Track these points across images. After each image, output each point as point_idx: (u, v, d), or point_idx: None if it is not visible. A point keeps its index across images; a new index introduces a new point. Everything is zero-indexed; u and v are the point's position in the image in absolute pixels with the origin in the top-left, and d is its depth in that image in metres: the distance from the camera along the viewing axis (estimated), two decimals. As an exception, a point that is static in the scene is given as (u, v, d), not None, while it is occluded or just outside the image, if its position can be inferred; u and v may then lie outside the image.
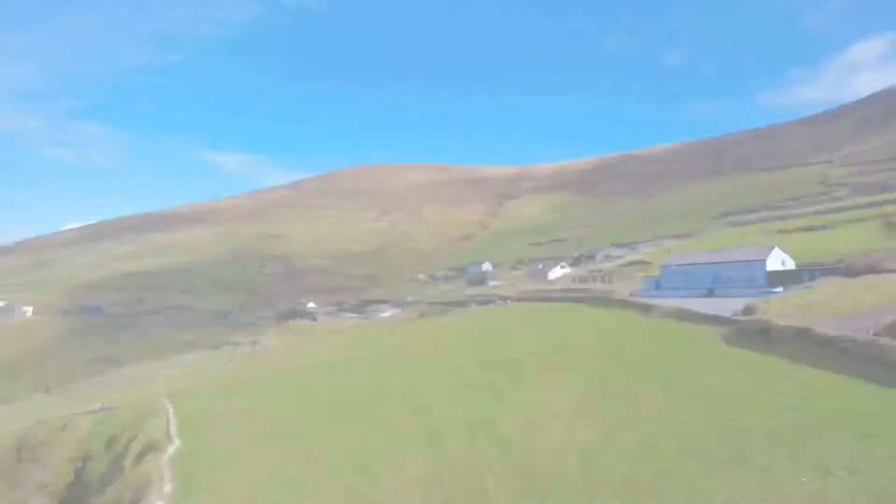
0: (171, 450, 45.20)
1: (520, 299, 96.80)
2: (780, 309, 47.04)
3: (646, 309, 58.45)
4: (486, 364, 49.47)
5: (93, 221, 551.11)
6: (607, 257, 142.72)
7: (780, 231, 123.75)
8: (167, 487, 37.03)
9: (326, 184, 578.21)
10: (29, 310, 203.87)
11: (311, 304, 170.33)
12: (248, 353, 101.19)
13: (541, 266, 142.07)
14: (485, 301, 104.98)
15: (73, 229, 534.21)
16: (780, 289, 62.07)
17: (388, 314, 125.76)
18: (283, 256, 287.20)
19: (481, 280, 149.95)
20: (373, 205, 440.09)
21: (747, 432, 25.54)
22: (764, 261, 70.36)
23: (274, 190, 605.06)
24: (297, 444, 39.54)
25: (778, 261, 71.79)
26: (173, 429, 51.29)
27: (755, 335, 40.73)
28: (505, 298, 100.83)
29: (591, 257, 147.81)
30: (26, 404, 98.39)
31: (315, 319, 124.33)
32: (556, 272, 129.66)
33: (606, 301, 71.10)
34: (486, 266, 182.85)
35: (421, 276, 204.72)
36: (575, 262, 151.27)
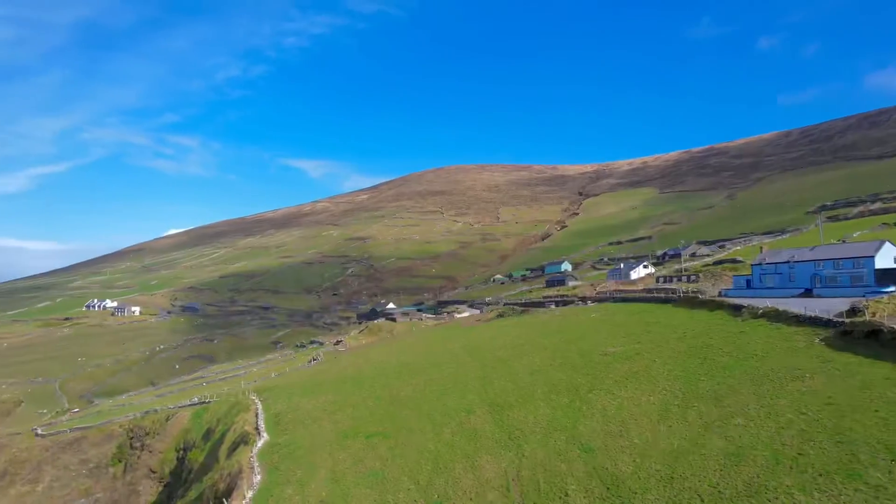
0: (259, 443, 47.51)
1: (600, 300, 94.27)
2: (893, 310, 43.03)
3: (736, 310, 55.17)
4: (565, 365, 48.52)
5: (191, 227, 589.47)
6: (693, 256, 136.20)
7: (890, 224, 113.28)
8: (256, 478, 38.96)
9: (405, 186, 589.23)
10: (137, 309, 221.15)
11: (390, 305, 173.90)
12: (331, 352, 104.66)
13: (622, 265, 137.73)
14: (564, 301, 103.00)
15: (174, 235, 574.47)
16: (893, 288, 56.67)
17: (465, 314, 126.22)
18: (364, 258, 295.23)
19: (560, 280, 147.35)
20: (450, 206, 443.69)
21: (854, 444, 23.42)
22: (872, 257, 64.37)
23: (355, 193, 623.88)
24: (377, 441, 40.47)
25: (890, 257, 65.51)
26: (262, 423, 53.81)
27: (862, 339, 37.34)
28: (585, 299, 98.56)
29: (676, 256, 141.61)
30: (136, 396, 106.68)
31: (394, 320, 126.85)
32: (638, 271, 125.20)
33: (693, 301, 67.80)
34: (565, 266, 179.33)
35: (499, 276, 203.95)
36: (658, 261, 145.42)
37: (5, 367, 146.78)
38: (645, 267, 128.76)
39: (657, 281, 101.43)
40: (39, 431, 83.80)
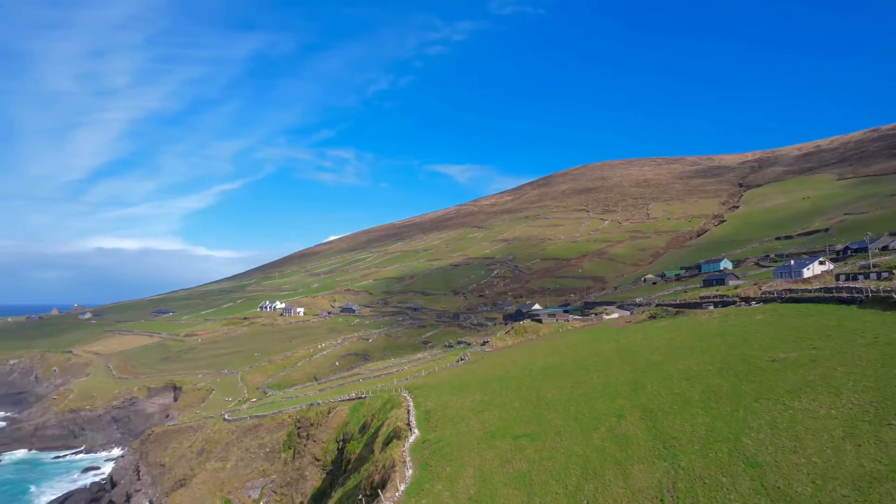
0: (411, 439, 49.54)
1: (766, 300, 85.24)
2: None
3: (944, 311, 46.75)
4: (725, 371, 44.53)
5: (348, 234, 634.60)
6: (885, 249, 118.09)
7: None
8: (409, 472, 40.64)
9: (548, 186, 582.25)
10: (301, 310, 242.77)
11: (535, 306, 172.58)
12: (478, 352, 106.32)
13: (792, 262, 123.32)
14: (723, 302, 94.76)
15: (333, 241, 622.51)
16: None
17: (614, 316, 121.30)
18: (509, 259, 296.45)
19: (719, 279, 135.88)
20: (596, 203, 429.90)
21: None
22: None
23: (499, 196, 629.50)
24: (525, 443, 40.25)
25: None
26: (413, 420, 56.03)
27: None
28: (748, 299, 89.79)
29: (861, 250, 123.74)
30: (301, 390, 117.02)
31: (540, 321, 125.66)
32: (812, 268, 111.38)
33: (887, 302, 58.66)
34: (725, 263, 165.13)
35: (650, 275, 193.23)
36: (838, 256, 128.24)
37: (200, 359, 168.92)
38: (821, 263, 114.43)
39: (837, 279, 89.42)
40: (227, 417, 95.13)
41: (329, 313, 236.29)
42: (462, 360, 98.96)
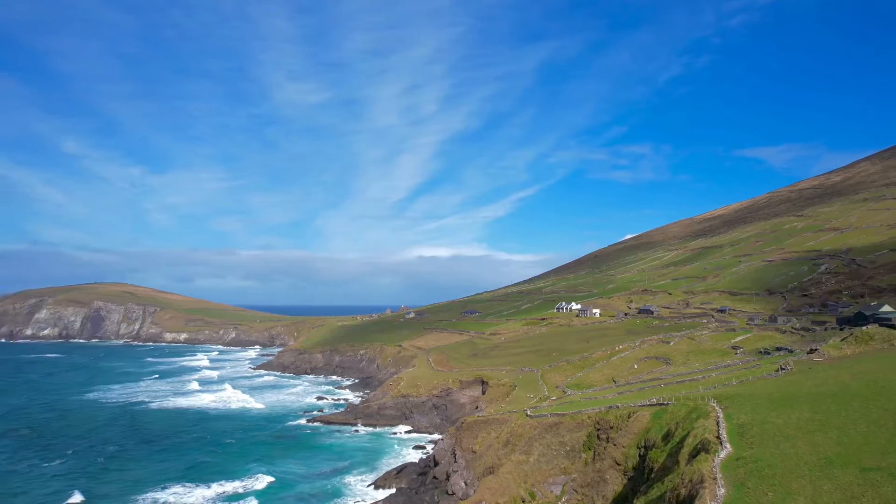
0: (722, 454, 44.26)
1: None
2: None
3: None
4: None
5: (642, 232, 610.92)
6: None
7: None
8: (720, 491, 36.20)
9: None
10: (597, 311, 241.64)
11: (885, 308, 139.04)
12: (803, 360, 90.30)
13: None
14: None
15: (627, 240, 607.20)
16: None
17: None
18: (842, 252, 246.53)
19: None
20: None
21: None
22: None
23: (825, 176, 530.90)
24: (879, 478, 32.17)
25: None
26: (724, 433, 50.16)
27: None
28: None
29: None
30: (600, 391, 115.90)
31: (894, 326, 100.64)
32: None
33: None
34: None
35: None
36: None
37: (503, 356, 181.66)
38: None
39: None
40: (529, 413, 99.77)
41: (626, 314, 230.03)
42: (783, 369, 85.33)
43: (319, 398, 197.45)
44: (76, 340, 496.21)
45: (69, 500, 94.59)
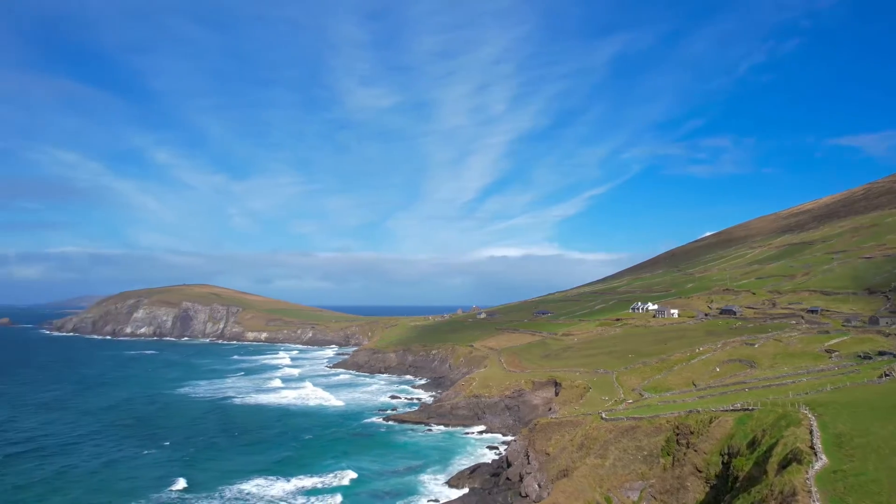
0: (816, 465, 41.51)
1: None
2: None
3: None
4: None
5: (722, 229, 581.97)
6: None
7: None
8: (815, 506, 34.00)
9: None
10: (675, 312, 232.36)
11: None
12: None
13: None
14: None
15: (706, 237, 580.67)
16: None
17: None
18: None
19: None
20: None
21: None
22: None
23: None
24: None
25: None
26: (818, 443, 47.01)
27: None
28: None
29: None
30: (678, 395, 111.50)
31: None
32: None
33: None
34: None
35: None
36: None
37: (577, 358, 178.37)
38: None
39: None
40: (604, 416, 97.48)
41: (706, 315, 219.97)
42: (887, 375, 79.01)
43: (393, 397, 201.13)
44: (168, 338, 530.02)
45: (175, 486, 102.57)
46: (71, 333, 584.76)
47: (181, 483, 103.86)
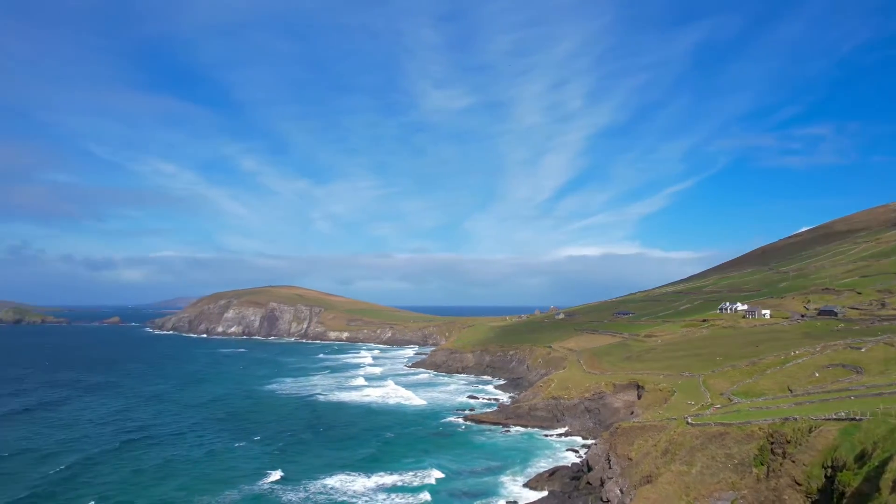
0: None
1: None
2: None
3: None
4: None
5: (820, 224, 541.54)
6: None
7: None
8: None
9: None
10: (767, 312, 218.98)
11: None
12: None
13: None
14: None
15: (801, 233, 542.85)
16: None
17: None
18: None
19: None
20: None
21: None
22: None
23: None
24: None
25: None
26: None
27: None
28: None
29: None
30: (772, 401, 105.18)
31: None
32: None
33: None
34: None
35: None
36: None
37: (661, 360, 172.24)
38: None
39: None
40: (690, 420, 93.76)
41: (802, 316, 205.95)
42: None
43: (471, 397, 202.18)
44: (256, 337, 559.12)
45: (272, 478, 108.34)
46: (170, 332, 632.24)
47: (276, 475, 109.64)
